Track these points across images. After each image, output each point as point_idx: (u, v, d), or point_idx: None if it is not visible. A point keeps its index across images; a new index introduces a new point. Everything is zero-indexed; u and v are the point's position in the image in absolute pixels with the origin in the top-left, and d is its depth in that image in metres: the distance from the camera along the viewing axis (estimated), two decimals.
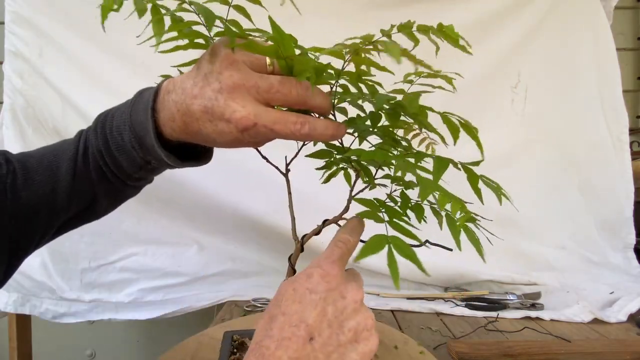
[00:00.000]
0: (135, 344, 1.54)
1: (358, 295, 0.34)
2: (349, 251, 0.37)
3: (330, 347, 0.31)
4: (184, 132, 0.39)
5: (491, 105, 1.28)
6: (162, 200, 1.18)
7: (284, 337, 0.31)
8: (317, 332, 0.31)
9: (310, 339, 0.31)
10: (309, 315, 0.31)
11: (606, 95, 1.28)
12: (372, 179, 0.41)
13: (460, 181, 0.38)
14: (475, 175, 0.35)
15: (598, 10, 1.27)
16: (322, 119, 0.37)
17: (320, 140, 0.38)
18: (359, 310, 0.34)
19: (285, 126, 0.35)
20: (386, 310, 1.03)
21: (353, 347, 0.32)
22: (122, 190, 0.51)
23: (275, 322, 0.32)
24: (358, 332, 0.33)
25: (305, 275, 0.34)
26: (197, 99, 0.36)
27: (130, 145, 0.43)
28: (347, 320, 0.33)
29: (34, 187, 0.45)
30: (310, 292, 0.33)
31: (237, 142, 0.38)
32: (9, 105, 1.14)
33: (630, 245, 1.26)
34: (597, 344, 0.79)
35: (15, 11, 1.12)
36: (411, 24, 0.32)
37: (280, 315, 0.32)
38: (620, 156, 1.28)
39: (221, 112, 0.35)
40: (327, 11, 1.21)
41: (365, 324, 0.33)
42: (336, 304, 0.33)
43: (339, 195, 0.50)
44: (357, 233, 0.38)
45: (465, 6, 1.23)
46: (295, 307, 0.32)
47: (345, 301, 0.33)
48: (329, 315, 0.32)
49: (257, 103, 0.35)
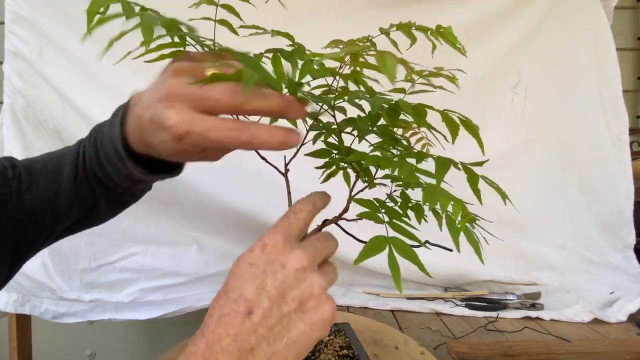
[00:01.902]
0: (135, 344, 1.54)
1: (300, 262, 0.32)
2: (299, 220, 0.35)
3: (272, 320, 0.30)
4: (142, 144, 0.39)
5: (491, 105, 1.28)
6: (162, 200, 1.18)
7: (223, 314, 0.30)
8: (256, 305, 0.30)
9: (249, 313, 0.30)
10: (248, 289, 0.30)
11: (606, 95, 1.28)
12: (372, 179, 0.41)
13: (460, 181, 0.38)
14: (476, 176, 0.35)
15: (598, 10, 1.27)
16: (267, 125, 0.34)
17: (268, 149, 0.35)
18: (301, 278, 0.32)
19: (221, 133, 0.33)
20: (386, 310, 1.03)
21: (299, 317, 0.31)
22: (120, 197, 0.51)
23: (218, 300, 0.31)
24: (303, 302, 0.31)
25: (248, 251, 0.33)
26: (147, 110, 0.35)
27: (114, 156, 0.43)
28: (290, 290, 0.31)
29: (38, 191, 0.47)
30: (251, 266, 0.32)
31: (181, 154, 0.37)
32: (9, 105, 1.14)
33: (630, 245, 1.26)
34: (597, 344, 0.79)
35: (15, 11, 1.12)
36: (411, 24, 0.32)
37: (223, 294, 0.31)
38: (620, 156, 1.28)
39: (160, 121, 0.33)
40: (325, 11, 1.21)
41: (311, 292, 0.31)
42: (276, 274, 0.31)
43: (339, 195, 0.50)
44: (310, 202, 0.37)
45: (465, 6, 1.23)
46: (236, 282, 0.31)
47: (285, 270, 0.31)
48: (267, 287, 0.31)
49: (192, 111, 0.33)
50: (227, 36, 0.39)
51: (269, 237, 0.33)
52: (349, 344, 0.61)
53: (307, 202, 0.37)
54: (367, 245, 0.32)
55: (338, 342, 0.62)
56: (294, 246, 0.33)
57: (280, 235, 0.33)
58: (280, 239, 0.33)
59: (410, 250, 0.31)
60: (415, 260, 0.31)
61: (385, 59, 0.26)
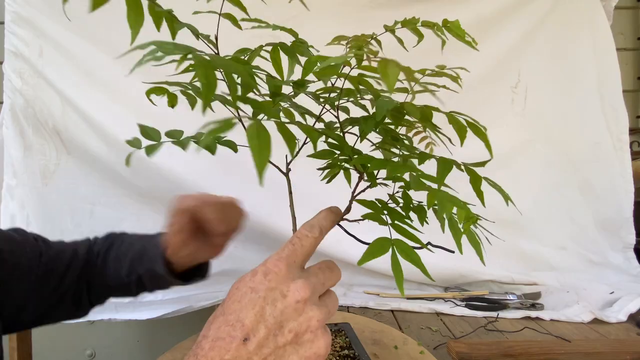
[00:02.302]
0: (135, 344, 1.54)
1: (301, 294, 0.31)
2: (304, 248, 0.35)
3: (266, 350, 0.30)
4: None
5: (491, 105, 1.28)
6: (162, 200, 1.18)
7: (219, 337, 0.29)
8: (253, 333, 0.30)
9: (245, 340, 0.29)
10: (246, 315, 0.30)
11: (606, 95, 1.28)
12: (374, 179, 0.41)
13: (460, 180, 0.38)
14: (479, 178, 0.35)
15: (598, 10, 1.27)
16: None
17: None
18: (301, 310, 0.31)
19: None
20: (386, 310, 1.03)
21: (294, 349, 0.31)
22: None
23: (215, 321, 0.31)
24: (299, 334, 0.31)
25: (250, 274, 0.32)
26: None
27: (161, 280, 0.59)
28: (288, 321, 0.31)
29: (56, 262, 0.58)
30: (252, 291, 0.31)
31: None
32: (9, 105, 1.14)
33: (630, 245, 1.26)
34: (597, 344, 0.79)
35: (15, 11, 1.12)
36: (416, 20, 0.32)
37: (220, 315, 0.31)
38: (620, 156, 1.28)
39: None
40: (327, 12, 1.21)
41: (308, 325, 0.31)
42: (275, 303, 0.31)
43: (340, 195, 0.50)
44: (317, 228, 0.36)
45: (466, 6, 1.23)
46: (235, 306, 0.31)
47: (286, 300, 0.31)
48: (266, 315, 0.30)
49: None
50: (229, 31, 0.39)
51: (273, 264, 0.32)
52: (350, 344, 0.61)
53: (315, 228, 0.36)
54: (371, 246, 0.32)
55: (338, 342, 0.62)
56: (297, 276, 0.33)
57: (284, 263, 0.33)
58: (283, 267, 0.32)
59: (414, 253, 0.31)
60: (418, 264, 0.30)
61: (387, 67, 0.26)
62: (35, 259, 0.56)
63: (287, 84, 0.37)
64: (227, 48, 0.37)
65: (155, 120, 1.20)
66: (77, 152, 1.17)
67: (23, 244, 0.56)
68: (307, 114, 0.41)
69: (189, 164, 1.14)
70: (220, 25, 0.36)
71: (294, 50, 0.36)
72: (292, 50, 0.36)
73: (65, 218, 1.17)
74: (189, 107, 0.40)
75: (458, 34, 0.33)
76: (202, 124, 0.28)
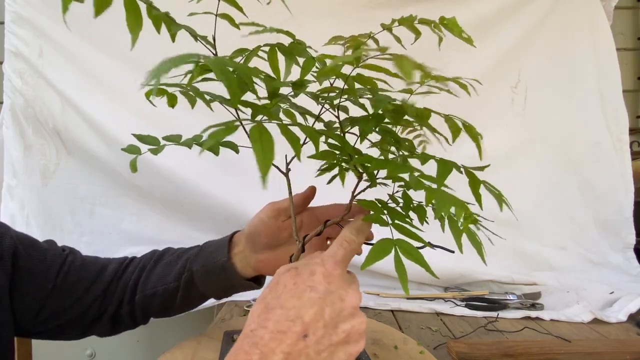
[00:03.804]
0: (135, 344, 1.54)
1: (356, 301, 0.35)
2: (353, 252, 0.37)
3: (321, 346, 0.32)
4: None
5: (491, 105, 1.27)
6: (162, 200, 1.18)
7: (279, 330, 0.32)
8: (312, 330, 0.32)
9: (305, 336, 0.32)
10: (306, 312, 0.32)
11: (606, 95, 1.28)
12: (374, 179, 0.41)
13: (460, 180, 0.38)
14: (478, 181, 0.35)
15: (598, 10, 1.27)
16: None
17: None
18: (355, 315, 0.35)
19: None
20: (386, 310, 1.03)
21: (343, 348, 0.34)
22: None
23: (272, 313, 0.33)
24: (350, 335, 0.34)
25: (308, 271, 0.35)
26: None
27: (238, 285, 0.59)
28: (342, 322, 0.34)
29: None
30: (311, 290, 0.33)
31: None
32: (9, 105, 1.14)
33: (630, 245, 1.26)
34: (597, 344, 0.79)
35: (15, 11, 1.12)
36: (413, 17, 0.32)
37: (278, 307, 0.33)
38: (620, 156, 1.28)
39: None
40: (327, 12, 1.21)
41: (359, 329, 0.35)
42: (334, 305, 0.34)
43: (340, 195, 0.50)
44: (362, 233, 0.39)
45: (465, 6, 1.22)
46: (294, 302, 0.33)
47: (344, 304, 0.34)
48: (325, 315, 0.33)
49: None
50: (227, 32, 0.39)
51: (332, 266, 0.35)
52: None
53: (360, 234, 0.39)
54: (374, 248, 0.33)
55: None
56: (350, 280, 0.37)
57: (340, 267, 0.36)
58: (339, 272, 0.35)
59: (417, 252, 0.32)
60: (421, 262, 0.31)
61: (402, 60, 0.26)
62: (55, 267, 0.56)
63: (286, 85, 0.37)
64: (223, 50, 0.36)
65: (155, 120, 1.21)
66: (77, 152, 1.17)
67: (44, 251, 0.56)
68: (306, 114, 0.41)
69: (189, 164, 1.14)
70: (216, 27, 0.36)
71: (291, 51, 0.36)
72: (289, 50, 0.36)
73: (65, 218, 1.17)
74: (188, 107, 0.40)
75: (455, 31, 0.33)
76: (205, 127, 0.28)
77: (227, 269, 0.56)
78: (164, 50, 0.31)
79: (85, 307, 0.57)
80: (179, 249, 0.63)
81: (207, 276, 0.57)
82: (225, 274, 0.56)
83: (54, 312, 0.56)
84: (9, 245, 0.52)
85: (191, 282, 0.58)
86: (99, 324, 0.59)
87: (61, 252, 0.58)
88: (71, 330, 0.59)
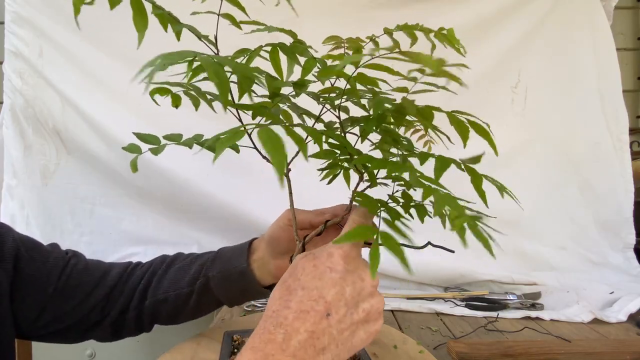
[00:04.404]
0: (135, 344, 1.53)
1: (375, 281, 0.36)
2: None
3: (344, 325, 0.33)
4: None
5: (491, 105, 1.28)
6: (162, 200, 1.18)
7: (303, 309, 0.32)
8: (335, 309, 0.33)
9: (327, 315, 0.33)
10: (328, 292, 0.33)
11: (606, 95, 1.28)
12: (374, 179, 0.41)
13: (459, 179, 0.38)
14: (479, 177, 0.35)
15: (598, 10, 1.27)
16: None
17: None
18: (374, 294, 0.36)
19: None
20: (386, 310, 1.03)
21: (363, 327, 0.35)
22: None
23: (294, 294, 0.34)
24: (370, 314, 0.35)
25: (326, 254, 0.35)
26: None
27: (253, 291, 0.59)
28: (363, 301, 0.35)
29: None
30: (331, 271, 0.34)
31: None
32: (9, 105, 1.14)
33: (630, 245, 1.26)
34: (597, 344, 0.79)
35: (15, 11, 1.12)
36: (417, 26, 0.32)
37: (299, 289, 0.34)
38: (620, 156, 1.27)
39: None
40: (326, 12, 1.20)
41: (378, 308, 0.36)
42: (355, 285, 0.35)
43: (340, 195, 0.50)
44: (370, 218, 0.40)
45: (466, 6, 1.22)
46: (316, 282, 0.34)
47: (364, 283, 0.35)
48: (346, 294, 0.34)
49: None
50: (228, 32, 0.39)
51: (348, 246, 0.36)
52: None
53: (368, 218, 0.40)
54: (355, 228, 0.34)
55: None
56: (366, 262, 0.36)
57: (357, 249, 0.37)
58: (356, 253, 0.37)
59: (397, 245, 0.31)
60: (399, 255, 0.31)
61: (419, 54, 0.28)
62: (57, 270, 0.55)
63: (287, 85, 0.37)
64: (225, 49, 0.37)
65: (155, 120, 1.21)
66: (77, 152, 1.17)
67: (47, 254, 0.56)
68: (306, 115, 0.41)
69: (189, 164, 1.14)
70: (218, 26, 0.36)
71: (293, 51, 0.36)
72: (291, 50, 0.36)
73: (65, 218, 1.17)
74: (188, 107, 0.40)
75: (451, 42, 0.33)
76: (212, 133, 0.28)
77: (246, 275, 0.56)
78: (165, 50, 0.31)
79: (87, 311, 0.57)
80: (191, 254, 0.63)
81: (224, 282, 0.57)
82: (243, 280, 0.56)
83: (55, 315, 0.55)
84: (11, 247, 0.52)
85: (206, 288, 0.58)
86: (100, 329, 0.59)
87: (64, 255, 0.58)
88: (71, 334, 0.59)
